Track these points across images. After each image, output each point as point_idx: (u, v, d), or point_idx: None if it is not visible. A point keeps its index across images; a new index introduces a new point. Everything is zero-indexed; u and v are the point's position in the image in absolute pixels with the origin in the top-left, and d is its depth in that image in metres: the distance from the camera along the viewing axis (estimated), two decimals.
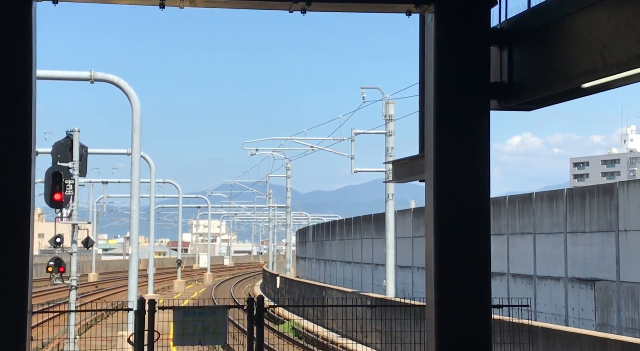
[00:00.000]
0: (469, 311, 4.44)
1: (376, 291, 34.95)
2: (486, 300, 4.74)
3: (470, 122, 5.30)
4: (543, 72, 4.37)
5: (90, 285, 62.55)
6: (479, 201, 5.11)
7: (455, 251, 4.94)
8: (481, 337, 4.15)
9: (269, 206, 76.98)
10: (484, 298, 4.59)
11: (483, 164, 5.33)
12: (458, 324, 4.28)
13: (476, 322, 4.26)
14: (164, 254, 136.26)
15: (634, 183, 21.70)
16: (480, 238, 5.04)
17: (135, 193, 23.78)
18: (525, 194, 26.50)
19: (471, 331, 4.23)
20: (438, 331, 3.82)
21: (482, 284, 4.64)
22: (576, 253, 22.79)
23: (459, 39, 5.42)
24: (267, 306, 12.05)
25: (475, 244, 5.00)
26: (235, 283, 71.35)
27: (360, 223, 45.09)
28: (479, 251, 4.98)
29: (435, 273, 4.61)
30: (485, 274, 4.92)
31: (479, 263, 4.90)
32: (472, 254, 4.93)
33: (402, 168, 6.30)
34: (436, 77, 5.45)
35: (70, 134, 23.50)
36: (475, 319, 4.33)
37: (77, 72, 23.01)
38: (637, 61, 2.92)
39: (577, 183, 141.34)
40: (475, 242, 5.01)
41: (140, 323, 11.20)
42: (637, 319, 20.08)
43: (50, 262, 23.23)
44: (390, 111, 30.11)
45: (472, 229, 5.03)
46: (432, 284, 4.75)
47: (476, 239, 5.02)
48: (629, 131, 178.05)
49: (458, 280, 4.70)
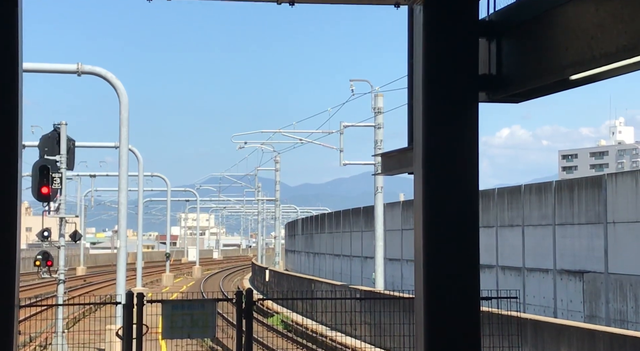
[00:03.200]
0: (458, 303, 4.44)
1: (365, 284, 34.99)
2: (475, 292, 4.75)
3: (459, 115, 5.30)
4: (531, 64, 4.36)
5: (78, 279, 62.39)
6: (467, 193, 5.11)
7: (444, 243, 4.94)
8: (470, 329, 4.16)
9: (258, 199, 76.90)
10: (472, 290, 4.59)
11: (472, 157, 5.33)
12: (447, 316, 4.28)
13: (465, 314, 4.26)
14: (152, 248, 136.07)
15: (622, 175, 21.77)
16: (469, 230, 5.05)
17: (123, 186, 23.69)
18: (514, 187, 26.56)
19: (460, 323, 4.24)
20: (427, 323, 3.82)
21: (471, 276, 4.64)
22: (565, 245, 22.86)
23: (448, 31, 5.41)
24: (256, 299, 12.03)
25: (464, 236, 5.00)
26: (224, 276, 71.30)
27: (350, 215, 45.10)
28: (467, 244, 4.98)
29: (424, 266, 4.61)
30: (474, 267, 4.93)
31: (467, 255, 4.90)
32: (461, 247, 4.94)
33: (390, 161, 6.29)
34: (425, 69, 5.44)
35: (57, 128, 23.41)
36: (464, 311, 4.33)
37: (64, 64, 22.88)
38: (624, 53, 2.91)
39: (566, 175, 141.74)
40: (464, 234, 5.01)
41: (129, 317, 11.17)
42: (625, 311, 20.16)
43: (38, 256, 23.15)
44: (379, 104, 30.11)
45: (461, 221, 5.03)
46: (421, 276, 4.76)
47: (465, 232, 5.02)
48: (617, 123, 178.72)
49: (447, 272, 4.71)
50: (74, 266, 71.23)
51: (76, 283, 54.89)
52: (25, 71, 14.96)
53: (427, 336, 3.62)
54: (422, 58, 5.40)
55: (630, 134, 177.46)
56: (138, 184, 44.37)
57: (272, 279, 46.90)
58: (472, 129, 5.27)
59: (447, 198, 4.98)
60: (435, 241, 4.78)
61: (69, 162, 23.39)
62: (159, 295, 12.59)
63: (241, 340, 11.44)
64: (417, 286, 4.99)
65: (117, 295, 19.13)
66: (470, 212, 4.98)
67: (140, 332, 11.16)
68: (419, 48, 5.63)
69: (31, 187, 21.99)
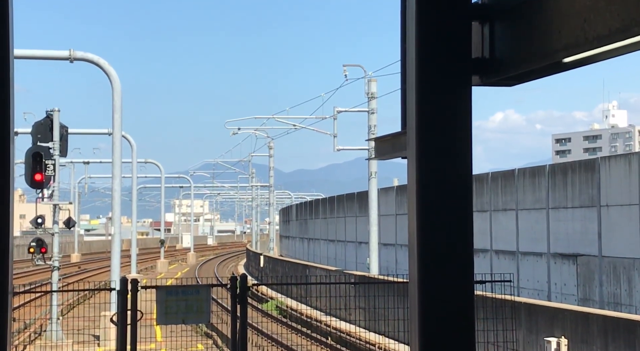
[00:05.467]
0: (452, 287, 4.46)
1: (360, 269, 35.05)
2: (469, 276, 4.77)
3: (452, 98, 5.30)
4: (524, 47, 4.36)
5: (72, 266, 62.41)
6: (461, 177, 5.11)
7: (438, 228, 4.95)
8: (464, 313, 4.16)
9: (252, 185, 76.91)
10: (467, 274, 4.61)
11: (465, 141, 5.34)
12: (441, 300, 4.30)
13: (459, 298, 4.26)
14: (146, 235, 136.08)
15: (615, 159, 21.80)
16: (463, 214, 5.06)
17: (117, 173, 23.66)
18: (508, 171, 26.59)
19: (454, 307, 4.25)
20: (421, 307, 3.82)
21: (465, 260, 4.65)
22: (558, 228, 22.92)
23: (440, 15, 5.42)
24: (250, 285, 12.05)
25: (458, 220, 5.01)
26: (219, 262, 71.37)
27: (344, 201, 45.13)
28: (461, 228, 4.99)
29: (418, 250, 4.63)
30: (468, 251, 4.94)
31: (461, 239, 4.91)
32: (455, 231, 4.95)
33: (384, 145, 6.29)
34: (417, 53, 5.44)
35: (50, 114, 23.36)
36: (459, 295, 4.34)
37: (56, 51, 22.79)
38: (617, 35, 2.90)
39: (559, 159, 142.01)
40: (458, 219, 5.02)
41: (123, 303, 11.18)
42: (619, 293, 20.24)
43: (32, 243, 23.14)
44: (373, 89, 30.07)
45: (455, 206, 5.04)
46: (415, 261, 4.78)
47: (459, 216, 5.03)
48: (610, 107, 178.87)
49: (441, 257, 4.72)
50: (68, 253, 71.22)
51: (71, 270, 54.93)
52: (17, 57, 14.91)
53: (421, 319, 3.63)
54: (414, 42, 5.40)
55: (624, 117, 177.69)
56: (132, 171, 44.35)
57: (267, 265, 46.96)
58: (465, 113, 5.27)
59: (440, 182, 4.99)
60: (429, 225, 4.80)
61: (62, 149, 23.36)
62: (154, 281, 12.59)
63: (236, 326, 11.46)
64: (411, 270, 5.02)
65: (111, 282, 19.14)
66: (464, 196, 5.00)
67: (134, 318, 11.17)
68: (412, 32, 5.63)
69: (24, 174, 21.94)
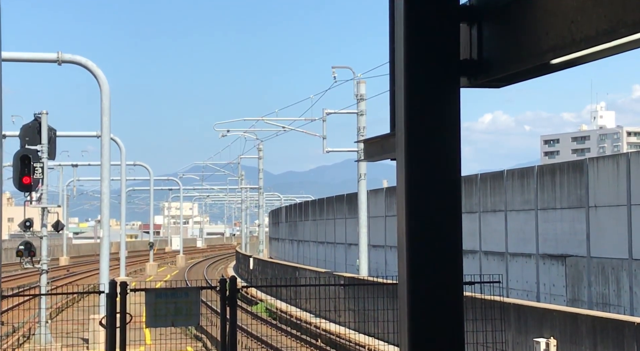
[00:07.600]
0: (441, 288, 4.46)
1: (349, 270, 35.07)
2: (458, 277, 4.78)
3: (440, 100, 5.31)
4: (512, 48, 4.37)
5: (61, 269, 62.17)
6: (450, 179, 5.13)
7: (427, 229, 4.96)
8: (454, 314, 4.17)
9: (241, 187, 76.80)
10: (456, 275, 4.61)
11: (454, 142, 5.34)
12: (430, 301, 4.30)
13: (448, 299, 4.27)
14: (135, 237, 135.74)
15: (603, 160, 21.88)
16: (452, 215, 5.06)
17: (105, 175, 23.60)
18: (497, 172, 26.65)
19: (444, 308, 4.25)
20: (410, 308, 3.83)
21: (454, 261, 4.66)
22: (547, 229, 22.98)
23: (428, 16, 5.43)
24: (240, 287, 12.04)
25: (447, 222, 5.02)
26: (209, 265, 71.24)
27: (333, 203, 45.15)
28: (450, 229, 5.00)
29: (408, 252, 4.64)
30: (457, 252, 4.96)
31: (450, 240, 4.92)
32: (443, 232, 4.96)
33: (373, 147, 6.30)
34: (406, 55, 5.45)
35: (38, 117, 23.29)
36: (448, 296, 4.34)
37: (44, 53, 22.73)
38: (604, 36, 2.91)
39: (548, 160, 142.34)
40: (447, 220, 5.03)
41: (112, 306, 11.15)
42: (607, 294, 20.31)
43: (20, 246, 23.05)
44: (362, 91, 30.08)
45: (444, 207, 5.05)
46: (404, 262, 4.78)
47: (448, 217, 5.04)
48: (598, 108, 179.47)
49: (430, 258, 4.73)
50: (56, 256, 70.95)
51: (59, 273, 54.70)
52: (4, 60, 14.84)
53: (410, 321, 3.63)
54: (402, 43, 5.41)
55: (612, 118, 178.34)
56: (121, 174, 44.21)
57: (256, 267, 46.92)
58: (454, 114, 5.28)
59: (429, 183, 5.00)
60: (418, 226, 4.80)
61: (51, 151, 23.28)
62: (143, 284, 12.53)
63: (225, 328, 11.44)
64: (400, 272, 5.02)
65: (100, 284, 19.09)
66: (453, 197, 5.01)
67: (123, 321, 11.14)
68: (400, 34, 5.63)
69: (12, 177, 21.89)
